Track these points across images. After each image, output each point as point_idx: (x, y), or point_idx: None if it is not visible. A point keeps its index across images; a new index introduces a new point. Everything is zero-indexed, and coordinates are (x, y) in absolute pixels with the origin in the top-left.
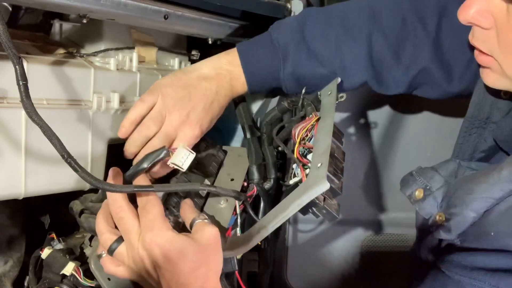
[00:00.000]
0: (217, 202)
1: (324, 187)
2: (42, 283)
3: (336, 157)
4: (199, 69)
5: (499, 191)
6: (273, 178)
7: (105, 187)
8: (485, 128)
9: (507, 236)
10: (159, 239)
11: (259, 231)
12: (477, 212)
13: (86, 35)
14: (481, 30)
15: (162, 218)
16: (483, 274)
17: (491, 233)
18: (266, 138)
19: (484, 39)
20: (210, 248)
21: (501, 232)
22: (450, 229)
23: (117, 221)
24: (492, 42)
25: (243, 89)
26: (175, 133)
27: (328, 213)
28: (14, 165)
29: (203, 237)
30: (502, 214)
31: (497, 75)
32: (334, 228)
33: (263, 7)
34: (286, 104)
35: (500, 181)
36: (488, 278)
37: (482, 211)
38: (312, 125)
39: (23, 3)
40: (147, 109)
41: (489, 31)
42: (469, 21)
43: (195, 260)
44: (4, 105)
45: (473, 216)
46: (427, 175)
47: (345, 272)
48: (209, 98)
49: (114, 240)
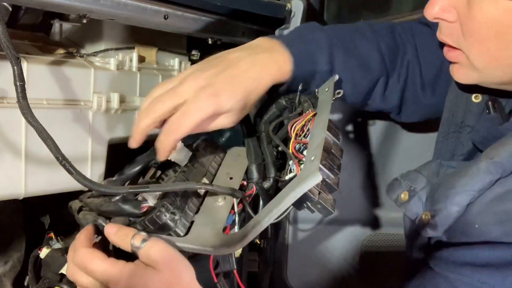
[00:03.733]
0: (215, 200)
1: (316, 180)
2: (42, 283)
3: (333, 153)
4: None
5: (478, 183)
6: (272, 177)
7: (99, 189)
8: (461, 132)
9: (492, 226)
10: (122, 277)
11: (254, 227)
12: (460, 206)
13: (86, 35)
14: (447, 24)
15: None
16: (471, 269)
17: (475, 225)
18: (265, 137)
19: (450, 32)
20: (168, 265)
21: (485, 223)
22: (436, 226)
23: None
24: (458, 34)
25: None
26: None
27: (323, 208)
28: (14, 165)
29: (155, 261)
30: (486, 205)
31: (466, 69)
32: (334, 228)
33: (263, 7)
34: (283, 102)
35: (479, 173)
36: (476, 273)
37: (464, 204)
38: (308, 120)
39: (23, 3)
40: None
41: (454, 24)
42: (435, 16)
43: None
44: (4, 105)
45: (457, 210)
46: (411, 177)
47: (345, 272)
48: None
49: None
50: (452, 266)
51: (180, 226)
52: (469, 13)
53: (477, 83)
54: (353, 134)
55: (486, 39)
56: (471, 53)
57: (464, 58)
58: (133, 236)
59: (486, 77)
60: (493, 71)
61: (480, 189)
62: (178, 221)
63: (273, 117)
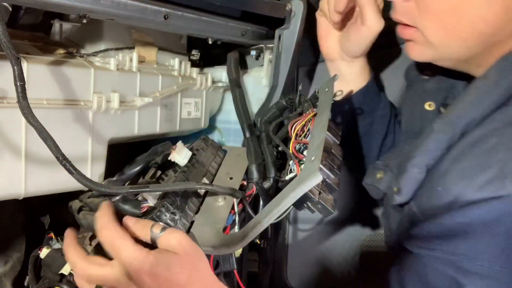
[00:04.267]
0: (215, 200)
1: (316, 180)
2: (42, 283)
3: (333, 153)
4: None
5: (432, 142)
6: (272, 177)
7: (100, 189)
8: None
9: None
10: (145, 267)
11: (255, 226)
12: (419, 167)
13: (86, 35)
14: (402, 4)
15: (136, 246)
16: (440, 242)
17: (438, 188)
18: (265, 137)
19: (405, 11)
20: (188, 251)
21: (447, 183)
22: (401, 190)
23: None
24: (413, 11)
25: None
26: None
27: (324, 208)
28: (14, 165)
29: (175, 247)
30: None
31: (421, 46)
32: (334, 228)
33: (263, 7)
34: (284, 102)
35: (433, 133)
36: (444, 246)
37: (423, 164)
38: (308, 120)
39: (23, 3)
40: None
41: (409, 3)
42: None
43: (184, 269)
44: (4, 105)
45: (417, 171)
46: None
47: (345, 272)
48: None
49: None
50: (421, 241)
51: (180, 226)
52: None
53: (432, 60)
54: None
55: (441, 13)
56: (427, 29)
57: (419, 35)
58: (153, 225)
59: (441, 53)
60: (449, 45)
61: (436, 149)
62: (178, 221)
63: (273, 117)
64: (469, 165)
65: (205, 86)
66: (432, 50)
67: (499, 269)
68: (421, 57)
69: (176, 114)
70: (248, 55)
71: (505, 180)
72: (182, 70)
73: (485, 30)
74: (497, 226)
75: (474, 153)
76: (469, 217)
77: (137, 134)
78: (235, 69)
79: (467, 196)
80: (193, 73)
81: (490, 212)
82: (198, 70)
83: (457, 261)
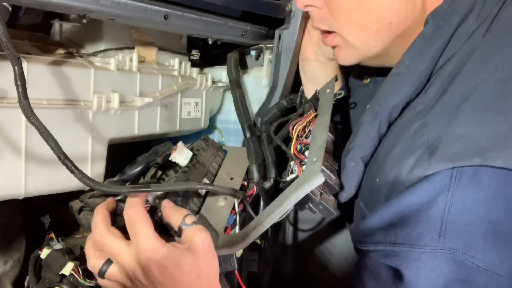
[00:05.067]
0: (216, 201)
1: (318, 181)
2: (42, 283)
3: (334, 154)
4: None
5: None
6: (273, 177)
7: (101, 188)
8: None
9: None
10: (156, 257)
11: (256, 227)
12: (354, 159)
13: (86, 35)
14: (317, 11)
15: (154, 234)
16: (382, 235)
17: (376, 180)
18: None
19: (321, 17)
20: (206, 255)
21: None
22: (343, 186)
23: (102, 248)
24: (328, 17)
25: None
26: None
27: (325, 209)
28: (14, 165)
29: (197, 245)
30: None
31: (345, 49)
32: (334, 228)
33: (263, 7)
34: (284, 103)
35: (362, 124)
36: (387, 237)
37: (357, 157)
38: (309, 121)
39: (23, 3)
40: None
41: (322, 10)
42: (304, 4)
43: (194, 271)
44: (4, 105)
45: (352, 164)
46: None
47: (345, 272)
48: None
49: (102, 263)
50: (368, 238)
51: None
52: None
53: (358, 62)
54: None
55: (350, 11)
56: (342, 30)
57: (339, 38)
58: (186, 215)
59: (362, 51)
60: (365, 42)
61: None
62: None
63: (274, 118)
64: (398, 151)
65: (205, 86)
66: (354, 50)
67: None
68: (347, 60)
69: (176, 114)
70: (248, 55)
71: (430, 159)
72: (182, 70)
73: (393, 19)
74: (429, 209)
75: (402, 139)
76: (403, 204)
77: (137, 134)
78: (235, 69)
79: (400, 181)
80: (193, 73)
81: (421, 196)
82: (198, 70)
83: (399, 251)
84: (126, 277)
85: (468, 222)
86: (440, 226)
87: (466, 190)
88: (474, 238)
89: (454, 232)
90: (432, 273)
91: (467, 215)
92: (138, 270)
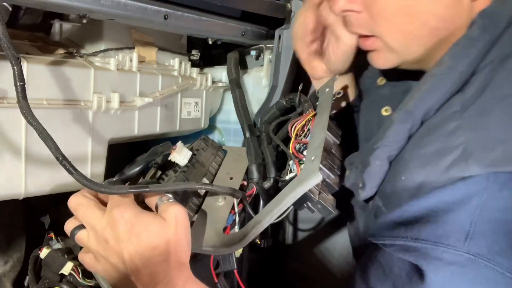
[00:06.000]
0: (215, 200)
1: (316, 180)
2: (42, 283)
3: (333, 153)
4: None
5: (393, 133)
6: (272, 177)
7: (99, 189)
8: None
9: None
10: (126, 214)
11: (254, 226)
12: (381, 159)
13: (86, 35)
14: (356, 15)
15: (130, 199)
16: (403, 230)
17: (402, 177)
18: (265, 137)
19: (361, 22)
20: (177, 227)
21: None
22: (365, 184)
23: (78, 216)
24: (368, 21)
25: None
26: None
27: (324, 208)
28: (14, 165)
29: (169, 216)
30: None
31: (384, 53)
32: (334, 228)
33: (263, 7)
34: (284, 102)
35: (393, 123)
36: (408, 232)
37: (385, 156)
38: (308, 120)
39: (23, 3)
40: None
41: (362, 13)
42: (342, 9)
43: (161, 236)
44: (4, 105)
45: (378, 163)
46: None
47: (345, 272)
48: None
49: (75, 226)
50: (385, 231)
51: None
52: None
53: (397, 65)
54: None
55: (394, 17)
56: (385, 35)
57: (379, 42)
58: (162, 195)
59: (404, 56)
60: (409, 47)
61: (397, 140)
62: None
63: (273, 117)
64: (430, 151)
65: (205, 86)
66: (395, 54)
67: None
68: (386, 64)
69: (176, 114)
70: (248, 55)
71: (469, 161)
72: (182, 70)
73: (438, 25)
74: (460, 208)
75: (435, 138)
76: (432, 201)
77: (137, 134)
78: (235, 69)
79: (431, 181)
80: (193, 73)
81: (454, 194)
82: (198, 70)
83: (420, 248)
84: (95, 242)
85: (497, 227)
86: (469, 228)
87: (501, 194)
88: (501, 245)
89: (481, 236)
90: (452, 275)
91: (497, 220)
92: (107, 228)
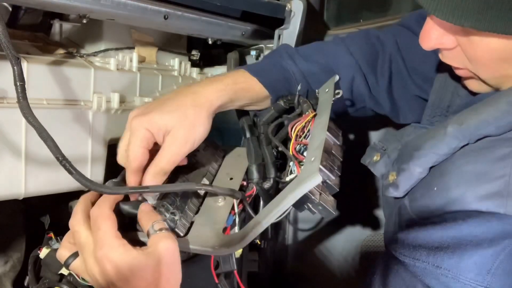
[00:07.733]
0: (215, 201)
1: (316, 181)
2: (42, 283)
3: (333, 154)
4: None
5: (444, 146)
6: (272, 177)
7: (99, 189)
8: (447, 116)
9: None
10: (110, 256)
11: (254, 227)
12: (423, 167)
13: (86, 35)
14: (448, 51)
15: (113, 233)
16: (426, 253)
17: (434, 188)
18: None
19: (453, 56)
20: (167, 263)
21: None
22: (398, 185)
23: (73, 234)
24: (461, 57)
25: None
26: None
27: (324, 209)
28: (14, 165)
29: (156, 252)
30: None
31: (479, 83)
32: (334, 228)
33: (263, 7)
34: (282, 103)
35: (445, 137)
36: (431, 258)
37: (428, 166)
38: (308, 121)
39: (23, 3)
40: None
41: (455, 49)
42: (433, 47)
43: (149, 276)
44: (4, 105)
45: (419, 171)
46: (386, 138)
47: (345, 272)
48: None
49: (69, 255)
50: (407, 250)
51: (180, 226)
52: (469, 42)
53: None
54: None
55: (492, 63)
56: (480, 73)
57: (473, 74)
58: (156, 221)
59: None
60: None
61: (445, 153)
62: (178, 221)
63: (272, 119)
64: (473, 170)
65: None
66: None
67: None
68: (480, 90)
69: None
70: (248, 55)
71: (508, 200)
72: (182, 70)
73: None
74: (490, 247)
75: (481, 159)
76: (463, 232)
77: None
78: None
79: (463, 203)
80: (193, 73)
81: (486, 231)
82: (198, 70)
83: (440, 275)
84: (86, 274)
85: None
86: (492, 265)
87: None
88: None
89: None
90: None
91: None
92: (95, 267)
